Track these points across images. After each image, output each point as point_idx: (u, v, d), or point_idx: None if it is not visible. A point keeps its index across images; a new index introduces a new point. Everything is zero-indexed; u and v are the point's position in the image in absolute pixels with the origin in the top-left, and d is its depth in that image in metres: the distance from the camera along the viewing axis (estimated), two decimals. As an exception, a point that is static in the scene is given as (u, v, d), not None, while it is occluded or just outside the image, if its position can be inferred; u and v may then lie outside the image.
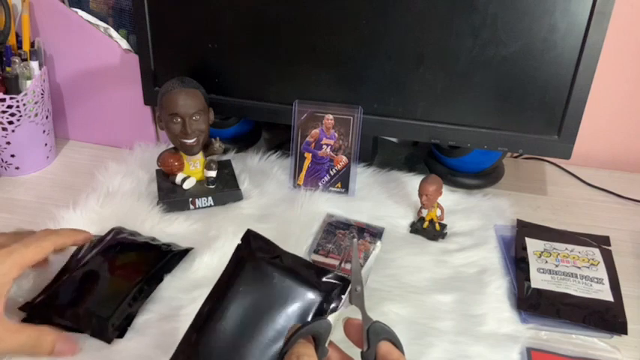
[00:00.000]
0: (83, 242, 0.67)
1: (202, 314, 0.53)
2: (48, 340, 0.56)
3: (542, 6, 0.75)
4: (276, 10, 0.83)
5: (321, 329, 0.46)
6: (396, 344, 0.46)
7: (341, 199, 0.87)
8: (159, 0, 0.87)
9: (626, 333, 0.66)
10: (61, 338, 0.57)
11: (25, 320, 0.63)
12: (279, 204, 0.85)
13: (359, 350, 0.46)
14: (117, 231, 0.75)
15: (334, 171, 0.87)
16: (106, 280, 0.67)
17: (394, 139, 1.04)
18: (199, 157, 0.85)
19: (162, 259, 0.71)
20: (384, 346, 0.46)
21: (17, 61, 0.88)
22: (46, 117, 0.94)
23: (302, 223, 0.80)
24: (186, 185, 0.84)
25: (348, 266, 0.74)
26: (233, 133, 1.01)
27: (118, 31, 0.95)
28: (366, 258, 0.76)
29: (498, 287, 0.72)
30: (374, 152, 0.98)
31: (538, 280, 0.72)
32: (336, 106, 0.85)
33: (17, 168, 0.93)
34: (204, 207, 0.84)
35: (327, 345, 0.46)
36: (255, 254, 0.55)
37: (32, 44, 0.92)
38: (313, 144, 0.87)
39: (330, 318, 0.46)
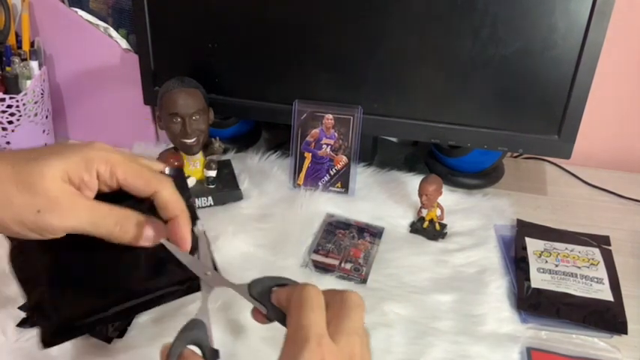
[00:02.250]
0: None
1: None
2: (134, 223, 0.45)
3: (542, 6, 0.75)
4: (277, 10, 0.83)
5: (199, 333, 0.41)
6: (285, 283, 0.43)
7: (341, 198, 0.87)
8: (159, 0, 0.87)
9: (626, 333, 0.66)
10: (149, 222, 0.46)
11: (25, 320, 0.63)
12: (279, 204, 0.85)
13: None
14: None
15: (334, 171, 0.87)
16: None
17: (394, 139, 1.04)
18: (199, 157, 0.85)
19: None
20: (276, 295, 0.42)
21: (17, 60, 0.88)
22: (46, 117, 0.94)
23: (302, 223, 0.80)
24: (186, 185, 0.84)
25: (348, 266, 0.74)
26: (233, 133, 1.01)
27: (117, 31, 0.95)
28: (366, 258, 0.76)
29: (498, 287, 0.72)
30: (374, 152, 0.98)
31: (538, 280, 0.72)
32: (336, 106, 0.85)
33: (17, 168, 0.92)
34: (204, 207, 0.84)
35: (212, 345, 0.42)
36: None
37: (32, 44, 0.92)
38: (313, 144, 0.87)
39: (200, 316, 0.42)
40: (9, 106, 0.86)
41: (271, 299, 0.42)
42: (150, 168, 0.47)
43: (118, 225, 0.44)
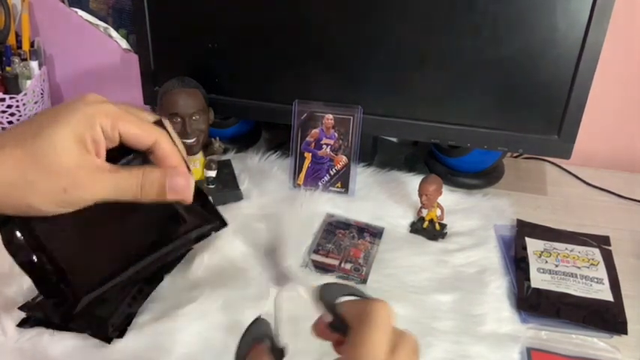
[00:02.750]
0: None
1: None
2: (154, 178, 0.44)
3: (542, 6, 0.75)
4: (277, 10, 0.83)
5: (265, 330, 0.40)
6: (354, 294, 0.40)
7: (341, 198, 0.87)
8: (159, 0, 0.87)
9: (626, 333, 0.66)
10: (170, 173, 0.44)
11: (25, 320, 0.63)
12: (279, 204, 0.85)
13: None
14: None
15: (334, 171, 0.87)
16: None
17: (394, 139, 1.04)
18: (199, 157, 0.85)
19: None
20: (344, 306, 0.38)
21: (17, 60, 0.88)
22: (46, 117, 0.94)
23: (302, 223, 0.80)
24: (186, 185, 0.84)
25: (348, 266, 0.74)
26: (233, 133, 1.01)
27: (117, 31, 0.95)
28: (366, 258, 0.76)
29: (498, 287, 0.72)
30: (374, 152, 0.98)
31: (538, 280, 0.72)
32: (336, 106, 0.85)
33: (17, 168, 0.92)
34: (204, 207, 0.84)
35: (280, 341, 0.40)
36: None
37: (32, 44, 0.92)
38: (313, 144, 0.87)
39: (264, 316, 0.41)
40: (9, 106, 0.86)
41: (338, 308, 0.39)
42: (146, 118, 0.47)
43: (140, 185, 0.44)
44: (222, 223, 0.49)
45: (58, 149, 0.41)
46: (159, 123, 0.46)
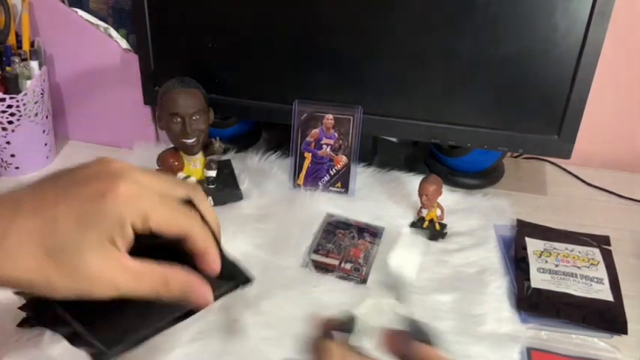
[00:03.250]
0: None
1: None
2: (177, 282, 0.43)
3: (542, 6, 0.75)
4: (276, 9, 0.83)
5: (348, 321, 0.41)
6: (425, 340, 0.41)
7: (341, 198, 0.87)
8: (159, 0, 0.87)
9: (626, 333, 0.66)
10: (193, 283, 0.44)
11: (25, 320, 0.63)
12: (279, 204, 0.85)
13: None
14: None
15: (334, 171, 0.87)
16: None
17: (394, 139, 1.04)
18: (199, 157, 0.85)
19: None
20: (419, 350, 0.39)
21: (17, 60, 0.88)
22: (46, 117, 0.94)
23: (302, 223, 0.80)
24: (186, 185, 0.84)
25: (348, 266, 0.74)
26: (233, 133, 1.01)
27: (117, 31, 0.95)
28: (366, 258, 0.76)
29: (498, 287, 0.72)
30: (374, 152, 0.98)
31: (538, 280, 0.72)
32: (336, 106, 0.85)
33: (17, 168, 0.93)
34: (204, 207, 0.84)
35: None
36: None
37: (32, 44, 0.91)
38: (313, 144, 0.87)
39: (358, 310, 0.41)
40: (9, 106, 0.86)
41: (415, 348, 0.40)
42: (177, 200, 0.44)
43: (164, 283, 0.42)
44: (247, 280, 0.48)
45: (86, 259, 0.39)
46: (190, 202, 0.45)
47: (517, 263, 0.75)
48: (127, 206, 0.40)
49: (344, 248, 0.77)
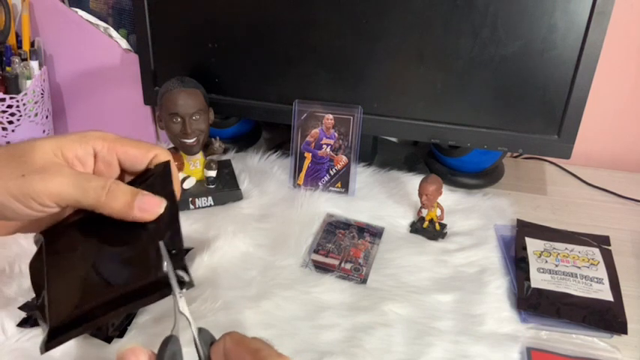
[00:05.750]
0: None
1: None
2: (127, 190, 0.42)
3: (542, 6, 0.75)
4: (277, 9, 0.83)
5: (175, 349, 0.39)
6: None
7: (341, 198, 0.87)
8: (159, 0, 0.87)
9: (626, 333, 0.66)
10: (143, 193, 0.42)
11: (25, 320, 0.63)
12: (279, 204, 0.85)
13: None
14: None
15: (334, 171, 0.87)
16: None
17: (394, 139, 1.04)
18: (199, 157, 0.85)
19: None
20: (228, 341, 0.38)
21: (17, 60, 0.88)
22: (46, 117, 0.94)
23: (302, 223, 0.80)
24: (186, 185, 0.84)
25: (348, 266, 0.74)
26: (233, 132, 1.01)
27: (118, 31, 0.95)
28: (366, 258, 0.76)
29: (498, 287, 0.72)
30: (374, 152, 0.98)
31: (538, 280, 0.72)
32: (336, 106, 0.85)
33: (17, 168, 0.92)
34: (204, 207, 0.84)
35: None
36: None
37: (32, 44, 0.92)
38: (313, 144, 0.87)
39: (174, 332, 0.40)
40: (9, 106, 0.86)
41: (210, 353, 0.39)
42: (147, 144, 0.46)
43: (105, 189, 0.41)
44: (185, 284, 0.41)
45: (35, 148, 0.41)
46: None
47: (517, 263, 0.75)
48: (94, 133, 0.44)
49: (344, 248, 0.77)
